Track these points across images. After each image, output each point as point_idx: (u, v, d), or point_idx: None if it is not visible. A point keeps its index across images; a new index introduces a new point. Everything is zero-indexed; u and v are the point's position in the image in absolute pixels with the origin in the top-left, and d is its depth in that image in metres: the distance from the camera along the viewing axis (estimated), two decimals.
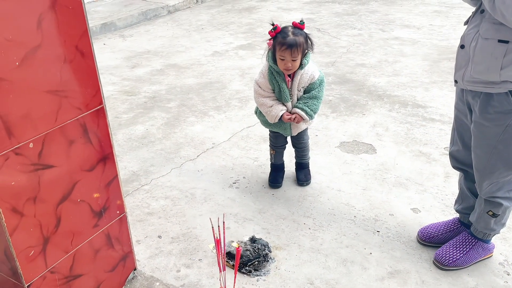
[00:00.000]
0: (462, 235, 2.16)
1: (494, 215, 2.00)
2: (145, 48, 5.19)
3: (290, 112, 2.43)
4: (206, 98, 3.90)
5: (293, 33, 2.25)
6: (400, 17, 5.95)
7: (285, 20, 5.81)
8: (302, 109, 2.39)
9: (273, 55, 2.33)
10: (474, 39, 1.74)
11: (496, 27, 1.67)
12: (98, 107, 1.64)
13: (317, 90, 2.41)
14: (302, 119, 2.41)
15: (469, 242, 2.11)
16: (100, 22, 5.71)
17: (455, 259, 2.08)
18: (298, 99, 2.44)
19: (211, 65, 4.64)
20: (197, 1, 7.00)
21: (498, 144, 1.84)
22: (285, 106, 2.43)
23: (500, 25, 1.65)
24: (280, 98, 2.42)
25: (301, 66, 2.32)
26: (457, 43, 1.91)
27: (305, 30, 2.31)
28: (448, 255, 2.10)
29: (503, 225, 2.07)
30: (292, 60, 2.25)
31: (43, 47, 1.40)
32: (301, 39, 2.24)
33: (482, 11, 1.73)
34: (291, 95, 2.40)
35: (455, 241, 2.14)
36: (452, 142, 2.13)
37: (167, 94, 4.01)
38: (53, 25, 1.41)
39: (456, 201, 2.25)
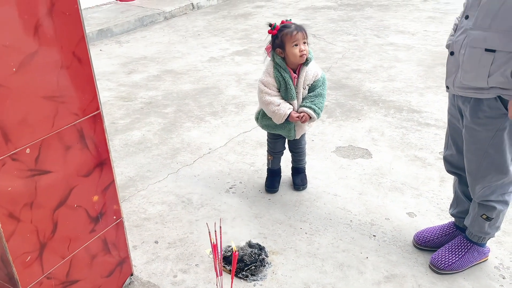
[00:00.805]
0: (458, 239, 2.17)
1: (488, 219, 2.02)
2: (141, 54, 5.20)
3: (297, 111, 2.44)
4: (202, 104, 3.91)
5: (292, 23, 2.35)
6: (395, 23, 5.99)
7: None
8: (310, 108, 2.40)
9: (279, 52, 2.36)
10: (463, 47, 1.77)
11: (483, 35, 1.70)
12: (95, 113, 1.65)
13: (321, 87, 2.44)
14: (309, 117, 2.41)
15: (465, 246, 2.13)
16: (96, 28, 5.72)
17: (450, 263, 2.09)
18: (303, 98, 2.46)
19: (207, 70, 4.66)
20: (193, 8, 7.03)
21: (489, 149, 1.86)
22: (292, 103, 2.43)
23: (487, 33, 1.68)
24: (286, 96, 2.42)
25: (306, 61, 2.36)
26: None
27: None
28: (443, 259, 2.11)
29: (498, 228, 2.08)
30: (303, 43, 2.32)
31: (40, 53, 1.41)
32: (300, 25, 2.36)
33: (467, 17, 1.76)
34: (297, 92, 2.42)
35: (450, 245, 2.15)
36: (446, 146, 2.15)
37: (163, 99, 4.02)
38: (50, 31, 1.42)
39: (451, 205, 2.26)
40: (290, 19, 2.41)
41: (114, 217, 1.87)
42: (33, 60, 1.39)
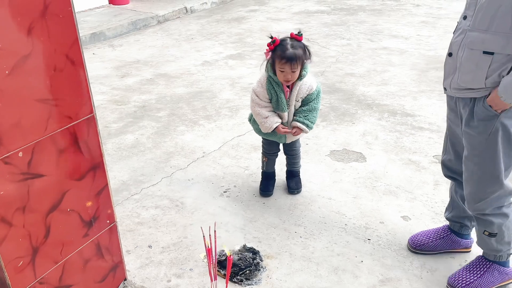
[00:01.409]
0: (477, 258, 2.08)
1: (491, 235, 1.94)
2: (134, 58, 5.18)
3: (285, 125, 2.46)
4: (196, 107, 3.90)
5: (292, 46, 2.26)
6: (388, 28, 6.02)
7: (275, 30, 5.85)
8: (303, 123, 2.42)
9: (272, 66, 2.35)
10: (461, 48, 1.76)
11: (482, 37, 1.68)
12: (89, 116, 1.64)
13: (315, 101, 2.44)
14: (301, 131, 2.44)
15: (483, 265, 2.03)
16: (89, 31, 5.70)
17: (468, 282, 2.00)
18: (296, 110, 2.46)
19: (201, 74, 4.65)
20: (186, 11, 7.02)
21: (484, 155, 1.82)
22: (282, 115, 2.44)
23: (485, 35, 1.67)
24: (277, 108, 2.43)
25: (300, 77, 2.34)
26: (444, 53, 1.94)
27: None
28: (461, 278, 2.02)
29: (509, 243, 1.98)
30: (292, 72, 2.27)
31: (34, 56, 1.39)
32: (299, 51, 2.26)
33: (465, 17, 1.76)
34: (288, 105, 2.42)
35: (469, 264, 2.07)
36: (445, 151, 2.13)
37: (157, 103, 4.00)
38: (43, 33, 1.40)
39: (447, 209, 2.26)
40: (301, 33, 2.30)
41: (108, 221, 1.85)
42: (26, 62, 1.38)
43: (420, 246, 2.24)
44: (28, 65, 1.38)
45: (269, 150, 2.68)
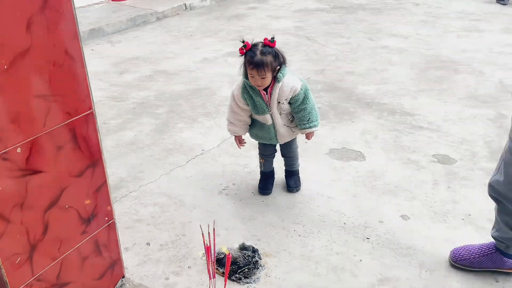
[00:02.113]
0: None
1: None
2: (133, 54, 5.16)
3: (272, 128, 2.46)
4: (195, 105, 3.89)
5: (261, 52, 2.23)
6: (388, 26, 6.01)
7: (274, 28, 5.84)
8: (310, 127, 2.45)
9: (245, 70, 2.33)
10: None
11: None
12: (88, 112, 1.62)
13: (304, 103, 2.39)
14: (313, 132, 2.52)
15: None
16: (88, 27, 5.67)
17: None
18: (283, 111, 2.43)
19: (200, 71, 4.64)
20: (186, 8, 7.00)
21: None
22: (265, 118, 2.43)
23: None
24: (256, 112, 2.41)
25: (277, 80, 2.31)
26: (443, 52, 1.92)
27: (295, 37, 2.31)
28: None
29: None
30: (261, 78, 2.25)
31: (32, 51, 1.38)
32: (268, 58, 2.22)
33: None
34: (269, 108, 2.40)
35: None
36: (497, 170, 1.99)
37: (156, 100, 3.99)
38: (42, 28, 1.39)
39: (493, 226, 2.10)
40: (273, 40, 2.27)
41: (106, 219, 1.84)
42: (25, 57, 1.36)
43: (462, 261, 2.12)
44: (26, 60, 1.37)
45: (264, 152, 2.67)
